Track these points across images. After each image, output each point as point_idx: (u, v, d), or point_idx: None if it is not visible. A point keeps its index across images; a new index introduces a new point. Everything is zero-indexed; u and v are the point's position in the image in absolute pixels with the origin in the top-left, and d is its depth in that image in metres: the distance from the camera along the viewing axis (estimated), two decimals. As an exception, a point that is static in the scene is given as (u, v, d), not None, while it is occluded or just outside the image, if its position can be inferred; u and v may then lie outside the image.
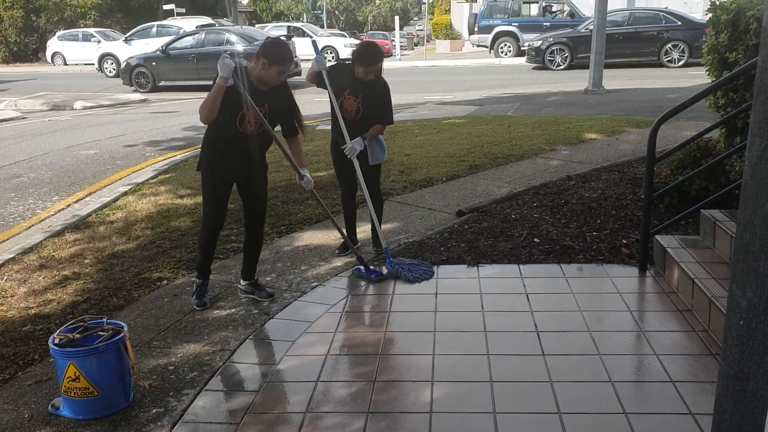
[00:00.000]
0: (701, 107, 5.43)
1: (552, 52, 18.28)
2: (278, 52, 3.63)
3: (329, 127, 4.74)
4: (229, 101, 3.60)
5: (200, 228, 4.10)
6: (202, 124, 3.76)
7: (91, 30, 30.46)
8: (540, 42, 18.54)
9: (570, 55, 18.11)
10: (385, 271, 4.39)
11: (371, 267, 4.42)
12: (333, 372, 3.22)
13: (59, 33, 30.90)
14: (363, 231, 5.01)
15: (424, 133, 9.37)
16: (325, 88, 4.34)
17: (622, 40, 17.30)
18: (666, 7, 18.55)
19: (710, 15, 5.23)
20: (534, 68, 19.13)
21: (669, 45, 17.23)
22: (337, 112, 4.34)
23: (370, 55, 4.29)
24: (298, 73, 16.67)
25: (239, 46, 16.72)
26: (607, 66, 17.24)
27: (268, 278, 4.39)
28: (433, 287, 4.12)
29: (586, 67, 14.89)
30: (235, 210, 5.27)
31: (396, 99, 5.36)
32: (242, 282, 4.15)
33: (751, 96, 4.64)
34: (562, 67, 18.15)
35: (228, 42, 17.20)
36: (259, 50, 3.65)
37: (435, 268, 4.41)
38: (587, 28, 17.21)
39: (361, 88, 4.35)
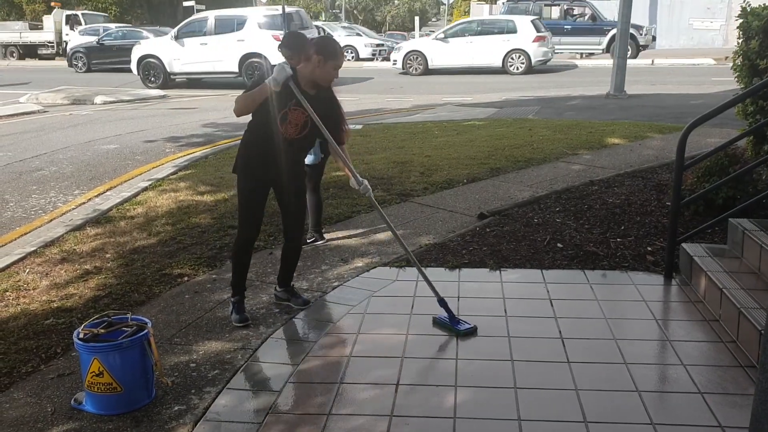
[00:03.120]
0: (727, 113, 5.34)
1: (75, 58, 24.13)
2: (332, 48, 3.55)
3: (354, 127, 4.77)
4: (273, 97, 3.46)
5: (234, 241, 3.90)
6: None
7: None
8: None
9: (87, 62, 23.92)
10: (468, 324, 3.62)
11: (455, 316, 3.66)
12: (355, 374, 3.20)
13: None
14: (384, 233, 5.00)
15: (444, 134, 9.32)
16: None
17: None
18: None
19: (741, 20, 5.15)
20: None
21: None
22: None
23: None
24: None
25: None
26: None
27: (289, 277, 4.38)
28: (456, 291, 4.08)
29: (103, 71, 23.03)
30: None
31: (415, 100, 5.36)
32: (278, 288, 4.06)
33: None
34: (82, 70, 23.88)
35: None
36: (311, 49, 3.53)
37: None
38: (100, 43, 24.18)
39: None
